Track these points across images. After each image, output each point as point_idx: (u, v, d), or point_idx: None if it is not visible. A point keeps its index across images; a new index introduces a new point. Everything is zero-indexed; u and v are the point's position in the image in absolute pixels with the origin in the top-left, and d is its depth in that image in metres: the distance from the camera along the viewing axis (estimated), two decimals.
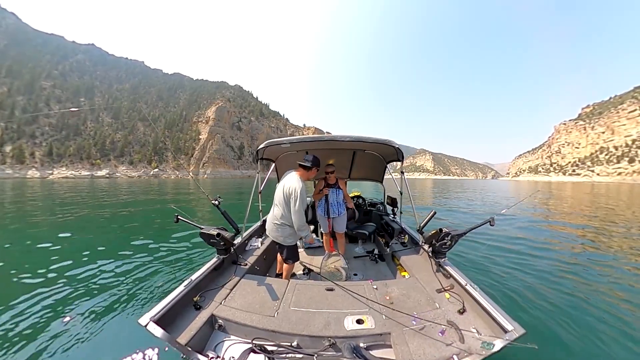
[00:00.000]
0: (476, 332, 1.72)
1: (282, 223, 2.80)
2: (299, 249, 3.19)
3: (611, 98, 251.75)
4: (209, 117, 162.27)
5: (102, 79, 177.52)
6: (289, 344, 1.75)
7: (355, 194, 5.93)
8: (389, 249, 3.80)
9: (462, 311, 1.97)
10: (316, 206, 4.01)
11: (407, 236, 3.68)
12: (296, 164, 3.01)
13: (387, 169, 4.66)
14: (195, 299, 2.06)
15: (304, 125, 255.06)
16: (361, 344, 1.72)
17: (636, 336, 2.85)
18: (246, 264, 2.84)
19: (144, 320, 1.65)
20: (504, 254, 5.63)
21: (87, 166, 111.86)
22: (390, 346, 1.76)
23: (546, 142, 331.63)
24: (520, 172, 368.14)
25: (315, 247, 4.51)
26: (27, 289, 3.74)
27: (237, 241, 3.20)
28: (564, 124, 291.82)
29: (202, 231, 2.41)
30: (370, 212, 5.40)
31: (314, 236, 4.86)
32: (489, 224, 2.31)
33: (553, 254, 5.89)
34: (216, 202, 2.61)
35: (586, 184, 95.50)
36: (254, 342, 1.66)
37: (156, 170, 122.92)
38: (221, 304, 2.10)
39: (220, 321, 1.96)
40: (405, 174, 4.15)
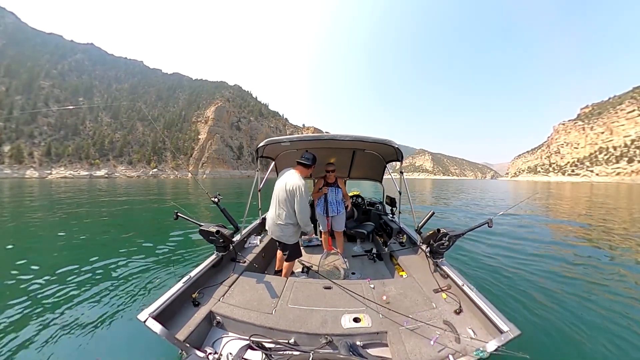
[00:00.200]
0: (472, 333, 1.73)
1: (287, 223, 2.80)
2: (298, 256, 3.22)
3: (610, 98, 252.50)
4: (208, 117, 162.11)
5: (101, 78, 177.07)
6: (287, 341, 1.76)
7: (355, 193, 5.94)
8: (387, 249, 3.82)
9: (458, 311, 1.98)
10: (315, 205, 4.02)
11: (405, 236, 3.69)
12: (295, 162, 3.03)
13: (386, 169, 4.68)
14: (193, 295, 2.08)
15: (303, 125, 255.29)
16: (358, 342, 1.74)
17: (634, 337, 2.85)
18: (245, 262, 2.85)
19: (142, 316, 1.66)
20: (501, 255, 5.63)
21: (85, 166, 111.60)
22: (386, 345, 1.78)
23: (545, 142, 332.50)
24: (520, 172, 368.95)
25: (313, 246, 4.55)
26: (26, 287, 3.76)
27: (236, 239, 3.21)
28: (563, 124, 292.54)
29: (201, 228, 2.41)
30: (369, 211, 5.41)
31: (313, 235, 4.89)
32: (487, 225, 2.32)
33: (551, 254, 5.90)
34: (216, 200, 2.61)
35: (585, 184, 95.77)
36: (251, 338, 1.67)
37: (155, 170, 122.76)
38: (220, 300, 2.11)
39: (219, 318, 1.98)
40: (404, 174, 4.16)
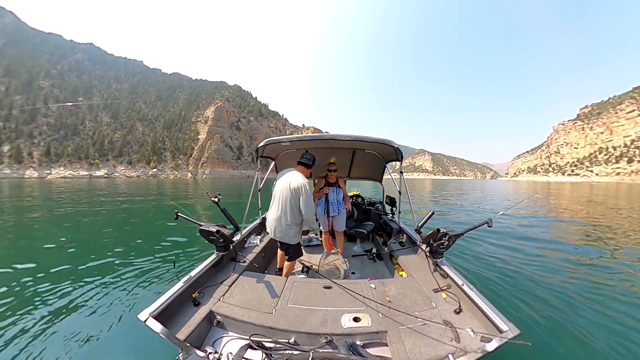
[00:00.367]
0: (472, 332, 1.73)
1: (291, 223, 2.80)
2: (299, 256, 3.24)
3: (610, 98, 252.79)
4: (208, 117, 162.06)
5: (100, 78, 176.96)
6: (287, 340, 1.76)
7: (355, 193, 5.94)
8: (387, 248, 3.82)
9: (458, 311, 1.98)
10: (316, 205, 4.02)
11: (405, 236, 3.70)
12: (296, 162, 3.05)
13: (386, 169, 4.68)
14: (194, 295, 2.08)
15: (303, 125, 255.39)
16: (358, 342, 1.74)
17: (634, 337, 2.84)
18: (245, 261, 2.85)
19: (143, 316, 1.66)
20: (501, 254, 5.64)
21: (85, 166, 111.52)
22: (386, 344, 1.78)
23: (545, 142, 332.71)
24: (519, 172, 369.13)
25: (313, 245, 4.55)
26: (25, 287, 3.76)
27: (237, 238, 3.21)
28: (563, 124, 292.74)
29: (201, 228, 2.41)
30: (369, 211, 5.42)
31: (313, 234, 4.89)
32: (486, 225, 2.32)
33: (551, 254, 5.91)
34: (216, 200, 2.61)
35: (585, 184, 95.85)
36: (251, 338, 1.68)
37: (155, 170, 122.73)
38: (220, 300, 2.12)
39: (219, 317, 1.98)
40: (404, 174, 4.16)
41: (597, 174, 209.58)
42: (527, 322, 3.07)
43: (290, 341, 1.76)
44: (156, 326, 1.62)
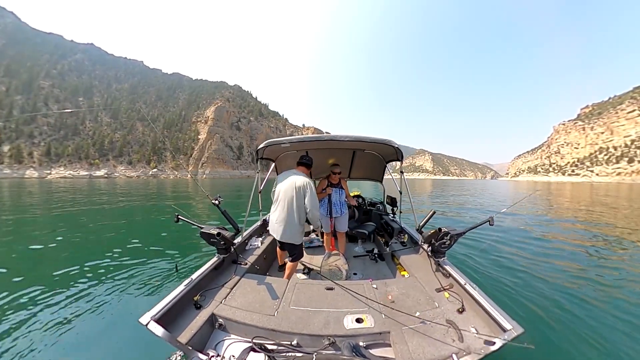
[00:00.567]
0: (475, 331, 1.72)
1: (299, 222, 2.83)
2: (302, 257, 3.24)
3: (610, 98, 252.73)
4: (208, 117, 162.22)
5: (100, 78, 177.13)
6: (289, 342, 1.75)
7: (355, 193, 5.93)
8: (388, 249, 3.80)
9: (461, 310, 1.98)
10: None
11: (406, 236, 3.69)
12: (296, 163, 3.09)
13: (386, 169, 4.67)
14: (195, 298, 2.07)
15: (303, 125, 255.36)
16: (361, 343, 1.73)
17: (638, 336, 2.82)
18: (246, 263, 2.84)
19: (144, 319, 1.65)
20: (503, 253, 5.63)
21: (85, 166, 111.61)
22: (389, 345, 1.77)
23: (545, 142, 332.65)
24: (520, 172, 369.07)
25: (315, 247, 4.53)
26: (24, 289, 3.71)
27: (238, 240, 3.19)
28: (563, 124, 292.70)
29: (202, 230, 2.40)
30: (370, 211, 5.40)
31: (314, 235, 4.87)
32: (488, 223, 2.32)
33: (553, 253, 5.89)
34: (216, 202, 2.59)
35: (585, 184, 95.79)
36: (254, 340, 1.66)
37: (155, 170, 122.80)
38: (221, 303, 2.11)
39: (221, 320, 1.97)
40: (404, 174, 4.16)
41: (597, 174, 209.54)
42: (530, 321, 3.05)
43: (292, 343, 1.76)
44: (158, 330, 1.60)
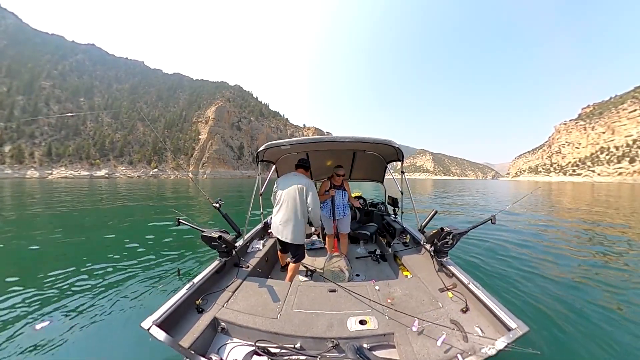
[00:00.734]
0: (480, 331, 1.71)
1: (302, 222, 2.92)
2: (303, 257, 3.23)
3: (611, 98, 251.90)
4: (209, 117, 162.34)
5: (101, 78, 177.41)
6: (292, 345, 1.74)
7: (356, 194, 5.89)
8: (390, 249, 3.78)
9: (465, 310, 1.97)
10: (320, 207, 3.94)
11: (408, 236, 3.67)
12: (296, 166, 3.19)
13: (387, 169, 4.65)
14: (197, 302, 2.06)
15: (304, 125, 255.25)
16: (364, 345, 1.72)
17: None
18: (248, 266, 2.83)
19: (146, 324, 1.64)
20: (506, 252, 5.61)
21: (86, 166, 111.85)
22: (393, 346, 1.76)
23: (546, 142, 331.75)
24: (521, 172, 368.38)
25: (317, 249, 4.50)
26: (23, 292, 3.68)
27: (239, 243, 3.17)
28: (564, 124, 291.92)
29: (203, 234, 2.39)
30: (372, 212, 5.36)
31: (315, 237, 4.84)
32: (490, 222, 2.31)
33: (556, 252, 5.87)
34: (217, 205, 2.58)
35: (587, 184, 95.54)
36: (257, 344, 1.65)
37: (155, 170, 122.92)
38: (224, 306, 2.10)
39: (223, 324, 1.96)
40: (405, 174, 4.15)
41: (599, 174, 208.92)
42: (536, 320, 3.02)
43: (296, 346, 1.74)
44: (160, 334, 1.59)
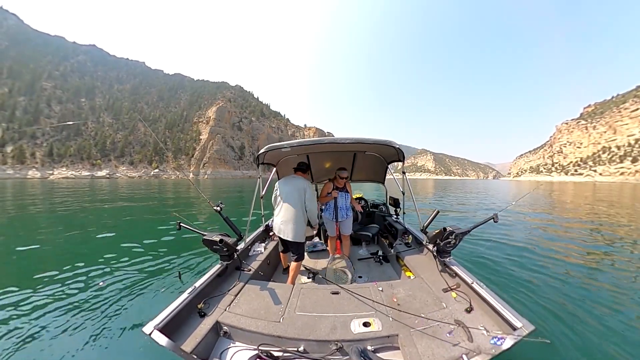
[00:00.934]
0: (485, 331, 1.69)
1: (302, 221, 3.03)
2: (304, 257, 3.25)
3: (613, 97, 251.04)
4: (210, 117, 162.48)
5: (102, 79, 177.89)
6: (296, 349, 1.73)
7: (357, 195, 5.86)
8: (393, 250, 3.75)
9: (469, 310, 1.95)
10: (323, 209, 3.90)
11: (410, 236, 3.64)
12: (295, 169, 3.29)
13: (388, 170, 4.62)
14: (199, 306, 2.05)
15: (305, 125, 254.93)
16: (369, 347, 1.71)
17: None
18: (250, 270, 2.81)
19: (147, 329, 1.63)
20: (509, 250, 5.58)
21: (87, 166, 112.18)
22: (398, 348, 1.75)
23: (548, 141, 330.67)
24: (522, 172, 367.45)
25: (318, 251, 4.46)
26: (23, 294, 3.65)
27: (241, 247, 3.14)
28: (566, 123, 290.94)
29: (204, 237, 2.38)
30: (373, 213, 5.34)
31: (317, 239, 4.79)
32: (492, 220, 2.30)
33: (559, 249, 5.83)
34: (218, 208, 2.56)
35: (588, 183, 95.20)
36: (259, 348, 1.65)
37: (156, 170, 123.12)
38: (226, 310, 2.08)
39: (225, 328, 1.94)
40: (406, 174, 4.12)
41: (600, 174, 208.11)
42: (541, 319, 2.99)
43: (299, 349, 1.73)
44: (161, 339, 1.58)
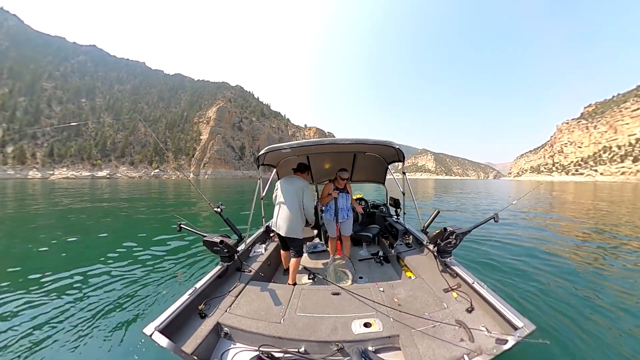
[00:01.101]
0: (486, 331, 1.69)
1: (300, 218, 3.11)
2: (303, 253, 3.28)
3: (614, 97, 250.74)
4: (210, 117, 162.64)
5: (103, 79, 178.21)
6: (296, 350, 1.73)
7: (358, 196, 5.83)
8: (393, 251, 3.74)
9: (470, 310, 1.95)
10: (323, 210, 3.89)
11: (411, 237, 3.64)
12: (295, 170, 3.34)
13: (388, 170, 4.60)
14: (200, 307, 2.05)
15: (305, 125, 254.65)
16: (370, 348, 1.71)
17: None
18: (250, 271, 2.81)
19: (148, 330, 1.62)
20: (510, 250, 5.57)
21: (87, 167, 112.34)
22: (399, 348, 1.74)
23: (548, 141, 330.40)
24: (522, 172, 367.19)
25: (319, 252, 4.44)
26: (22, 295, 3.64)
27: (241, 248, 3.13)
28: (567, 123, 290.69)
29: (205, 239, 2.38)
30: (373, 214, 5.31)
31: (317, 240, 4.76)
32: (493, 220, 2.30)
33: (560, 249, 5.81)
34: (218, 210, 2.56)
35: (589, 183, 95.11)
36: (260, 349, 1.64)
37: (157, 170, 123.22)
38: (226, 311, 2.08)
39: (226, 329, 1.94)
40: (406, 174, 4.11)
41: (601, 174, 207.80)
42: (543, 319, 2.98)
43: (300, 350, 1.73)
44: (162, 340, 1.58)
